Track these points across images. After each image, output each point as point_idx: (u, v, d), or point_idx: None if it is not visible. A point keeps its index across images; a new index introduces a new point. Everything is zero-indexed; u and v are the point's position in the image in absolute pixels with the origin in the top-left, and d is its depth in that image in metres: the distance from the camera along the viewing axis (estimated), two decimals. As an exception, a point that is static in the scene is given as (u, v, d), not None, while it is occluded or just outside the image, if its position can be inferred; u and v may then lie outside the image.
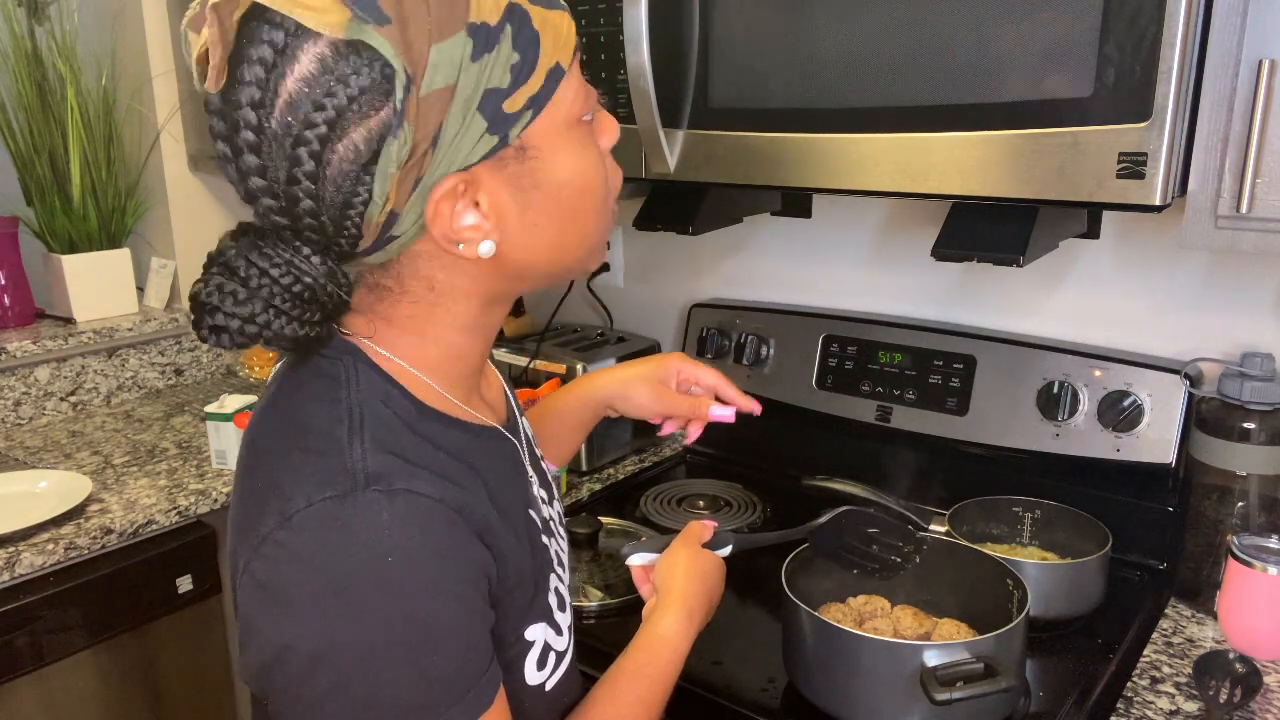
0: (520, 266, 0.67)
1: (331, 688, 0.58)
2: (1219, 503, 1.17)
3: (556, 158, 0.64)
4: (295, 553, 0.58)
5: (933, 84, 1.01)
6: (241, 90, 0.57)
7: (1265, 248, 0.93)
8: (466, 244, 0.62)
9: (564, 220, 0.66)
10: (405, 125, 0.56)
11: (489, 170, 0.61)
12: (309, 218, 0.59)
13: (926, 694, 0.87)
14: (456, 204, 0.61)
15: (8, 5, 1.91)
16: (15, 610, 1.40)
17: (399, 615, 0.58)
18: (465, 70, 0.57)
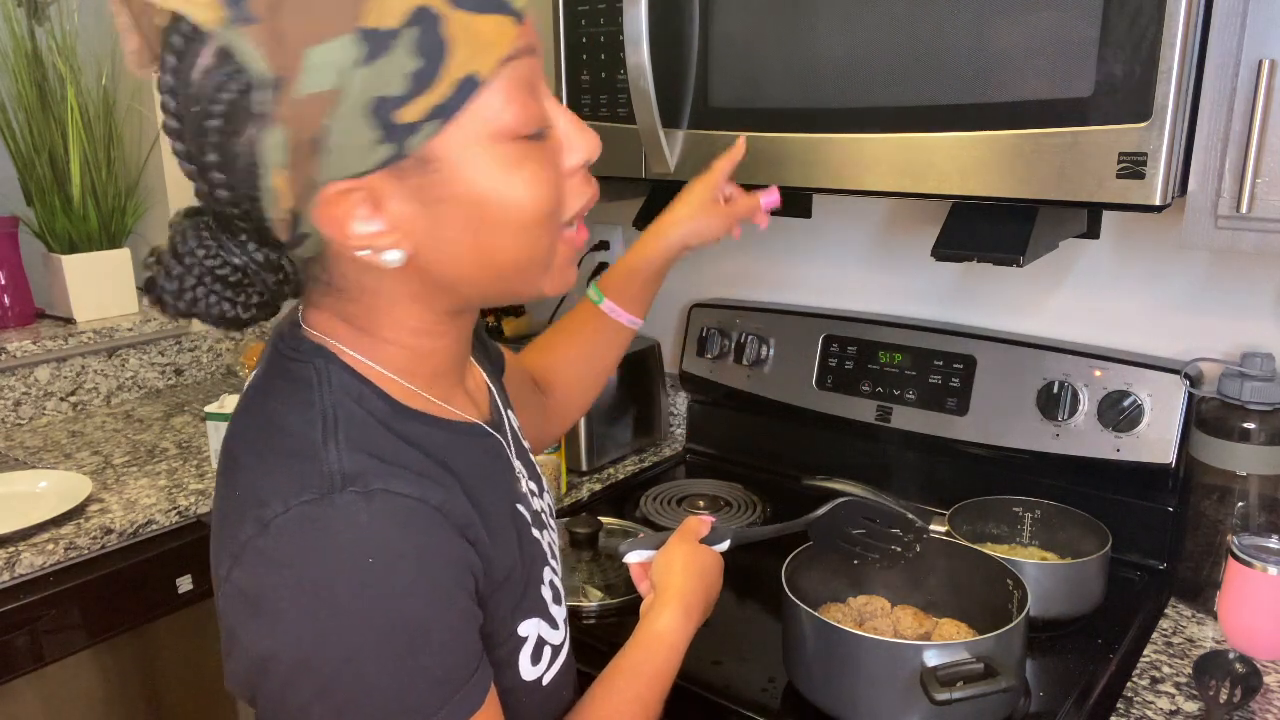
0: (450, 280, 0.63)
1: (316, 694, 0.57)
2: (1219, 503, 1.17)
3: (469, 174, 0.58)
4: (274, 559, 0.58)
5: (933, 84, 1.01)
6: (163, 74, 0.56)
7: (1265, 248, 0.93)
8: (372, 250, 0.59)
9: (488, 239, 0.61)
10: (276, 126, 0.54)
11: (388, 180, 0.57)
12: (230, 206, 0.58)
13: (926, 694, 0.87)
14: (353, 210, 0.58)
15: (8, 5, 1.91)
16: (15, 610, 1.40)
17: (382, 617, 0.58)
18: (351, 74, 0.53)
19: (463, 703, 0.61)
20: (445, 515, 0.62)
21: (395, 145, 0.55)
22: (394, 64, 0.53)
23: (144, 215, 2.17)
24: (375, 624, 0.57)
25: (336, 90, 0.53)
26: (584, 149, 0.64)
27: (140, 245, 2.21)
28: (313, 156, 0.55)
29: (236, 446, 0.65)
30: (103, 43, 2.08)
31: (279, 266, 0.62)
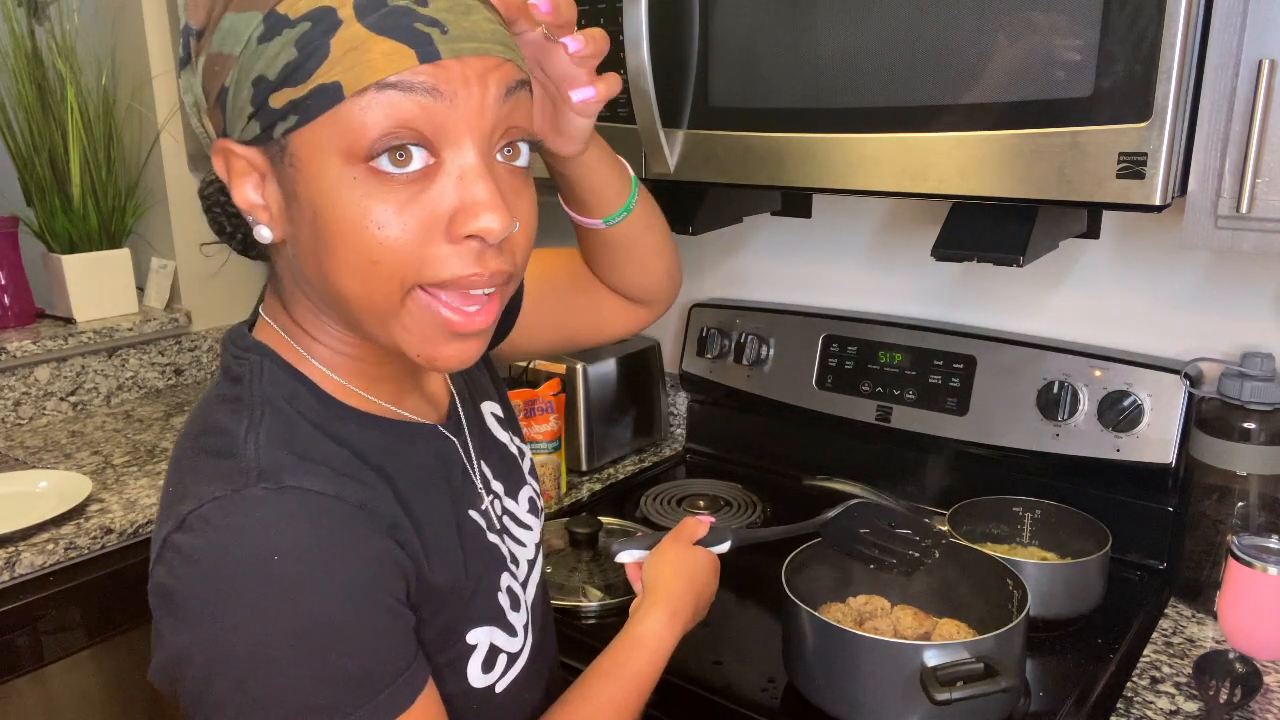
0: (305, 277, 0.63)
1: (229, 690, 0.57)
2: (1219, 503, 1.17)
3: (317, 180, 0.58)
4: (187, 556, 0.58)
5: (933, 84, 1.01)
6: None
7: (1265, 248, 0.93)
8: (254, 217, 0.62)
9: (325, 255, 0.59)
10: (189, 71, 0.62)
11: (259, 157, 0.60)
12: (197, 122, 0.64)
13: (926, 694, 0.87)
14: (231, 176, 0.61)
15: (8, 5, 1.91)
16: (15, 610, 1.40)
17: (290, 615, 0.56)
18: (250, 47, 0.57)
19: (388, 703, 0.59)
20: (368, 514, 0.61)
21: (262, 125, 0.58)
22: (276, 50, 0.56)
23: (144, 215, 2.17)
24: (282, 621, 0.56)
25: (233, 57, 0.58)
26: (482, 220, 0.58)
27: (140, 245, 2.21)
28: (216, 109, 0.60)
29: (178, 445, 0.66)
30: (103, 43, 2.08)
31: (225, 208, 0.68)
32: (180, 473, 0.62)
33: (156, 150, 2.10)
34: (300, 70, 0.56)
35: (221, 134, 0.60)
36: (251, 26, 0.57)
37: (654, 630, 0.83)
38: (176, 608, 0.58)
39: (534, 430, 1.48)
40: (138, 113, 2.10)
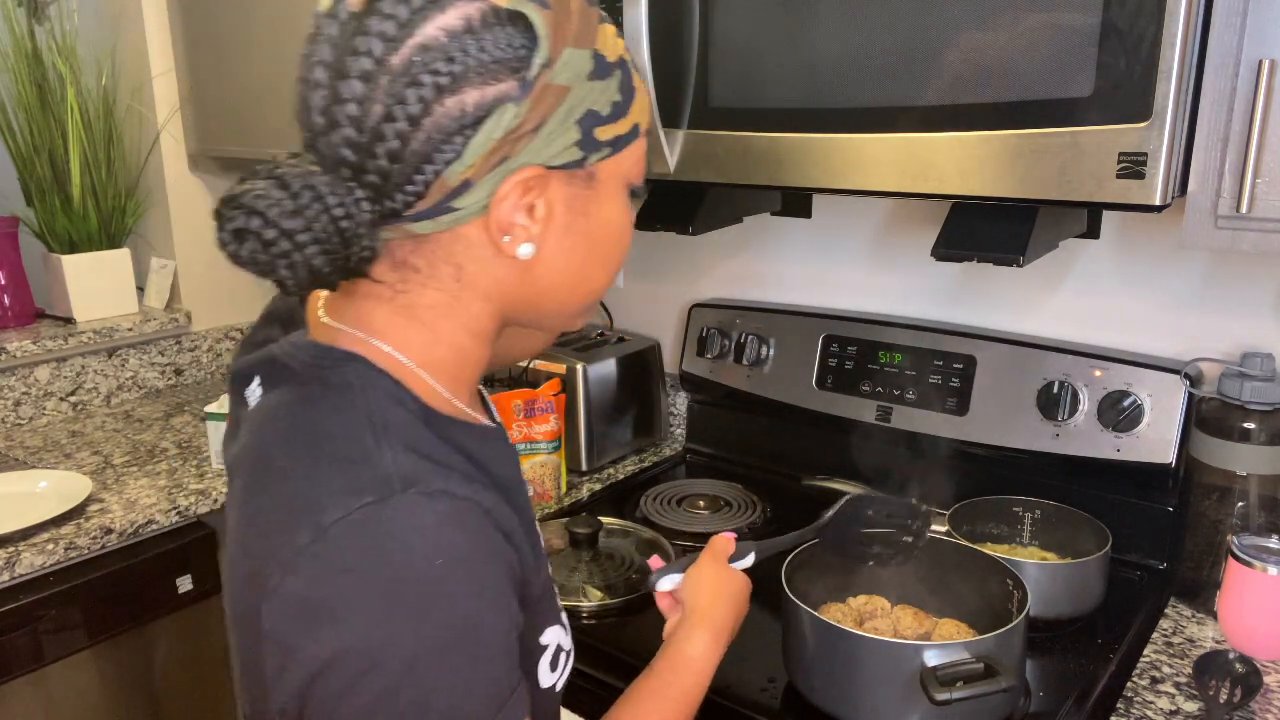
0: (540, 286, 0.67)
1: (379, 697, 0.55)
2: (1219, 503, 1.17)
3: (610, 202, 0.68)
4: (336, 564, 0.56)
5: (933, 84, 1.01)
6: (378, 20, 0.57)
7: (1265, 248, 0.93)
8: (513, 238, 0.63)
9: (591, 257, 0.69)
10: (525, 100, 0.59)
11: (560, 180, 0.64)
12: (385, 159, 0.58)
13: (926, 694, 0.87)
14: (522, 198, 0.62)
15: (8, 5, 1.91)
16: (15, 610, 1.40)
17: (448, 619, 0.57)
18: (581, 82, 0.61)
19: (511, 710, 0.60)
20: (494, 520, 0.61)
21: (584, 153, 0.63)
22: (607, 89, 0.63)
23: (144, 215, 2.17)
24: (443, 625, 0.57)
25: (568, 89, 0.61)
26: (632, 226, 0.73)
27: (140, 245, 2.21)
28: (525, 137, 0.60)
29: (275, 455, 0.63)
30: (103, 43, 2.08)
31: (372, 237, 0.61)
32: (295, 482, 0.60)
33: (156, 150, 2.10)
34: (622, 107, 0.64)
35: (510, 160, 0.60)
36: (584, 63, 0.61)
37: (700, 651, 0.84)
38: (324, 617, 0.56)
39: (534, 430, 1.48)
40: (138, 113, 2.10)
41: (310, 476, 0.59)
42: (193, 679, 1.67)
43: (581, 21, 0.62)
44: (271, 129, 1.90)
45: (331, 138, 0.59)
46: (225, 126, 2.01)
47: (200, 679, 1.68)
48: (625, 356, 1.69)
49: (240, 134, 1.98)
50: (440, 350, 0.66)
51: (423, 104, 0.57)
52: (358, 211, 0.59)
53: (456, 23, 0.57)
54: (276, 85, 1.85)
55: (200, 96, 2.05)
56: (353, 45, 0.57)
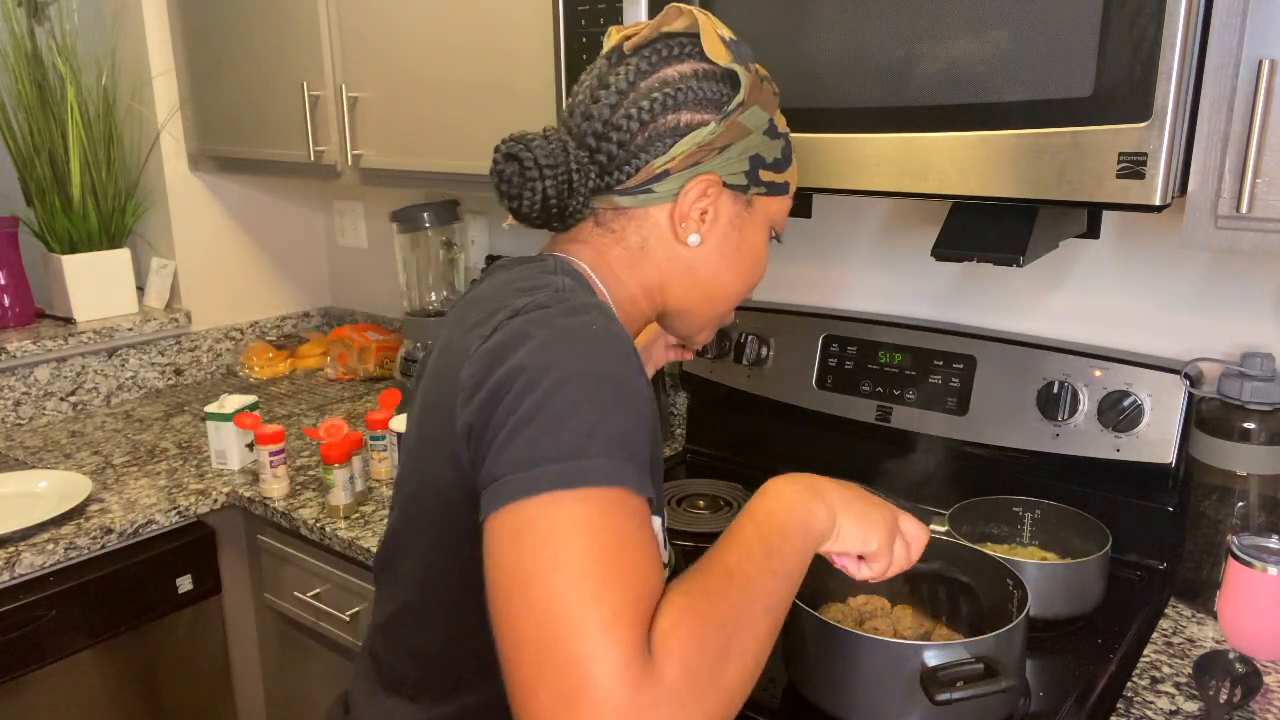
0: (694, 275, 0.88)
1: (533, 408, 0.67)
2: (1219, 503, 1.17)
3: (757, 230, 0.90)
4: (522, 329, 0.72)
5: (933, 84, 1.01)
6: (639, 60, 0.85)
7: (1265, 248, 0.93)
8: (687, 225, 0.85)
9: (736, 268, 0.90)
10: (720, 126, 0.83)
11: (728, 196, 0.86)
12: (615, 145, 0.83)
13: (926, 694, 0.87)
14: (700, 198, 0.84)
15: (8, 5, 1.91)
16: (15, 610, 1.40)
17: (600, 362, 0.70)
18: (758, 133, 0.86)
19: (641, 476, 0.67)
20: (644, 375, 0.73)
21: (748, 183, 0.87)
22: (774, 147, 0.88)
23: (144, 215, 2.17)
24: (594, 364, 0.69)
25: (750, 131, 0.85)
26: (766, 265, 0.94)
27: (140, 245, 2.21)
28: (713, 153, 0.84)
29: (480, 296, 0.83)
30: (103, 43, 2.08)
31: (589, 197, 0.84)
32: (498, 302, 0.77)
33: (156, 150, 2.10)
34: (781, 164, 0.89)
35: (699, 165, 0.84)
36: (763, 121, 0.86)
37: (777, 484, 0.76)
38: (509, 352, 0.71)
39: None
40: (138, 113, 2.10)
41: (504, 298, 0.78)
42: (193, 679, 1.67)
43: (767, 96, 0.87)
44: (271, 129, 1.90)
45: (584, 126, 0.85)
46: (225, 126, 2.01)
47: (200, 679, 1.68)
48: (625, 356, 1.68)
49: (240, 134, 1.98)
50: (618, 287, 0.87)
51: (651, 114, 0.83)
52: (586, 175, 0.83)
53: (689, 70, 0.84)
54: (276, 85, 1.85)
55: (200, 96, 2.05)
56: (616, 71, 0.85)
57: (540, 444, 0.66)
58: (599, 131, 0.84)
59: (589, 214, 0.86)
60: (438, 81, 1.60)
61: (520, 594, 0.62)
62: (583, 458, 0.65)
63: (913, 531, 0.86)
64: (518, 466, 0.66)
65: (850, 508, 0.80)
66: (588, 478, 0.64)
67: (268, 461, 1.56)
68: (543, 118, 1.45)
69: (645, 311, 0.91)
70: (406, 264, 2.07)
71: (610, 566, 0.62)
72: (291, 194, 2.36)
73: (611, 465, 0.65)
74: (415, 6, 1.59)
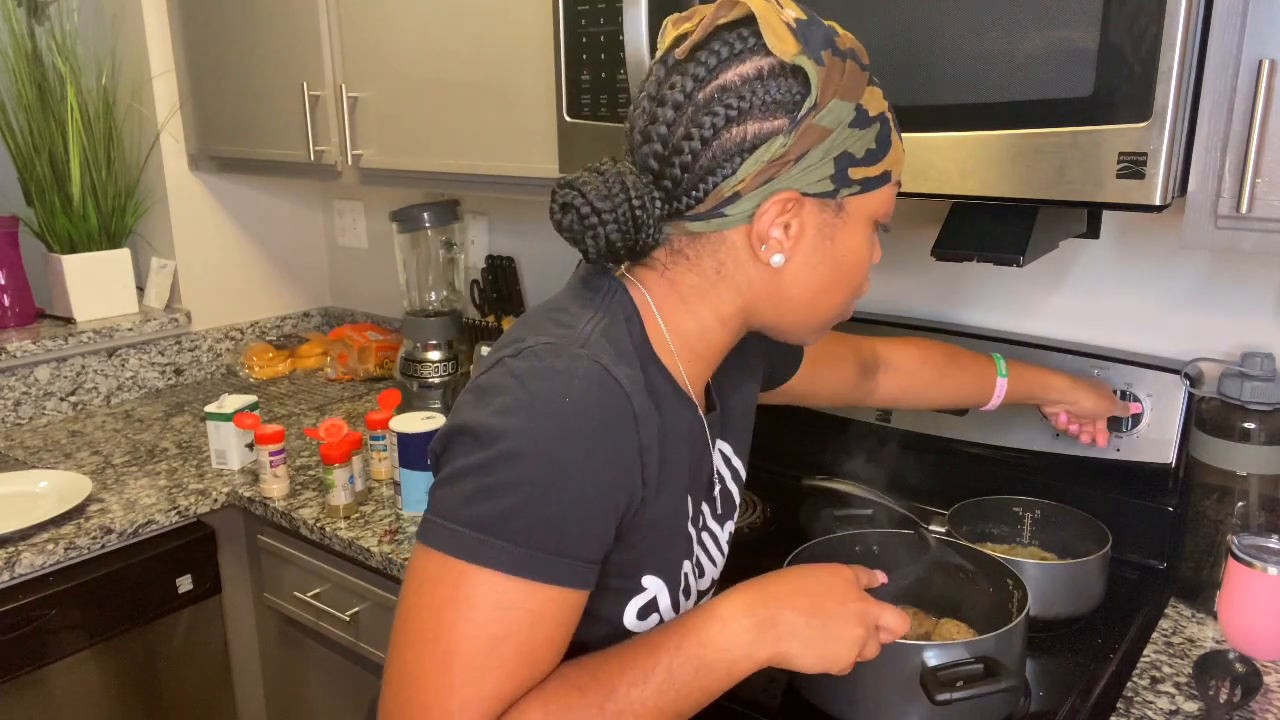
0: (784, 295, 0.80)
1: (475, 466, 0.69)
2: (1219, 503, 1.17)
3: (854, 232, 0.79)
4: (510, 369, 0.72)
5: (933, 84, 1.01)
6: (694, 65, 0.74)
7: (1265, 248, 0.93)
8: (768, 247, 0.77)
9: (833, 279, 0.81)
10: (792, 135, 0.73)
11: (812, 206, 0.77)
12: (678, 170, 0.75)
13: (926, 694, 0.87)
14: (779, 216, 0.75)
15: (8, 5, 1.91)
16: (15, 610, 1.40)
17: (555, 443, 0.68)
18: (842, 128, 0.74)
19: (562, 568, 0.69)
20: (638, 425, 0.72)
21: (835, 187, 0.76)
22: (864, 137, 0.76)
23: (144, 215, 2.17)
24: (548, 444, 0.68)
25: (830, 131, 0.74)
26: (880, 255, 0.85)
27: (140, 245, 2.21)
28: (789, 164, 0.74)
29: (523, 318, 0.82)
30: (103, 43, 2.08)
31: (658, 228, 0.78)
32: (525, 328, 0.78)
33: (156, 150, 2.10)
34: (876, 155, 0.77)
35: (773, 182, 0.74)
36: (846, 112, 0.74)
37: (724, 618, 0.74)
38: (483, 398, 0.72)
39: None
40: (138, 113, 2.10)
41: (532, 326, 0.78)
42: (193, 679, 1.67)
43: (851, 80, 0.75)
44: (271, 129, 1.90)
45: (644, 149, 0.77)
46: (225, 126, 2.01)
47: (200, 679, 1.68)
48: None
49: (240, 134, 1.98)
50: (686, 319, 0.81)
51: (714, 130, 0.73)
52: (651, 206, 0.76)
53: (751, 71, 0.73)
54: (276, 85, 1.85)
55: (200, 96, 2.05)
56: (671, 81, 0.75)
57: (469, 506, 0.69)
58: (660, 154, 0.76)
59: (663, 241, 0.79)
60: (438, 81, 1.59)
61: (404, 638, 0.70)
62: (504, 538, 0.68)
63: (891, 624, 0.79)
64: (447, 515, 0.70)
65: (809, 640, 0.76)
66: (499, 560, 0.68)
67: (268, 461, 1.56)
68: (543, 117, 1.45)
69: (724, 339, 0.83)
70: (406, 264, 2.07)
71: (482, 658, 0.67)
72: (291, 194, 2.36)
73: (529, 556, 0.68)
74: (415, 6, 1.59)
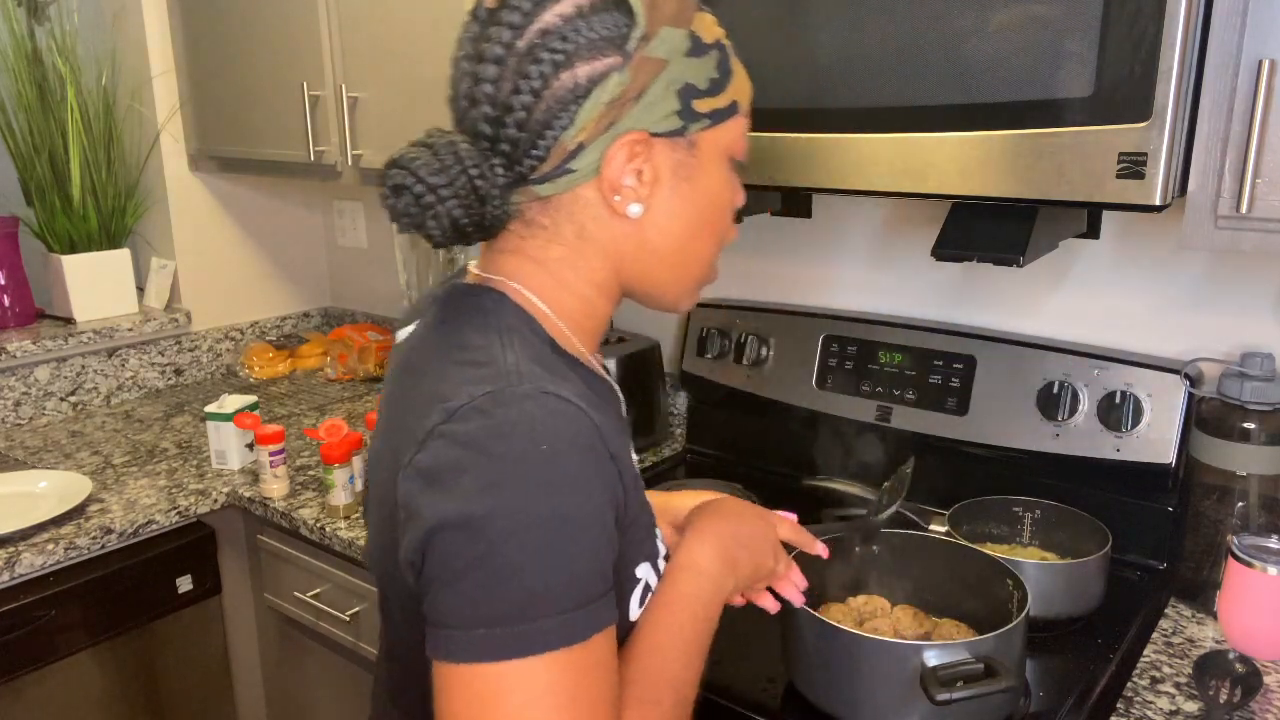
0: (651, 248, 0.75)
1: (474, 561, 0.62)
2: (1219, 503, 1.17)
3: (712, 170, 0.75)
4: (457, 439, 0.64)
5: (933, 84, 1.01)
6: (508, 13, 0.69)
7: (1265, 248, 0.93)
8: (623, 197, 0.72)
9: (697, 224, 0.76)
10: (626, 70, 0.69)
11: (663, 147, 0.72)
12: (514, 128, 0.69)
13: (926, 694, 0.87)
14: (629, 161, 0.71)
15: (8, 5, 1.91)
16: (15, 610, 1.40)
17: (546, 500, 0.63)
18: (678, 57, 0.71)
19: (593, 615, 0.64)
20: (602, 436, 0.67)
21: (683, 122, 0.72)
22: (704, 66, 0.72)
23: (144, 215, 2.17)
24: (537, 504, 0.63)
25: (666, 62, 0.70)
26: (743, 198, 0.81)
27: (140, 245, 2.21)
28: (629, 103, 0.70)
29: (416, 361, 0.74)
30: (103, 43, 2.08)
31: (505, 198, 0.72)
32: (431, 380, 0.70)
33: (156, 150, 2.10)
34: (720, 84, 0.73)
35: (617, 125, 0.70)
36: (680, 40, 0.71)
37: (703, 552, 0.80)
38: (441, 483, 0.64)
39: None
40: (137, 113, 2.10)
41: (442, 374, 0.69)
42: (193, 679, 1.67)
43: (678, 6, 0.71)
44: (271, 129, 1.90)
45: (472, 114, 0.71)
46: (225, 126, 2.01)
47: (200, 679, 1.68)
48: (625, 356, 1.69)
49: (240, 134, 1.98)
50: (567, 297, 0.75)
51: (543, 78, 0.68)
52: (492, 175, 0.70)
53: (569, 9, 0.68)
54: (276, 85, 1.85)
55: (200, 96, 2.05)
56: (487, 34, 0.70)
57: (485, 602, 0.63)
58: (491, 116, 0.70)
59: (514, 213, 0.74)
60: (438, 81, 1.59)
61: None
62: (534, 619, 0.62)
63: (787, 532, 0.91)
64: (463, 621, 0.63)
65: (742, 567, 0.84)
66: (539, 643, 0.62)
67: (268, 461, 1.56)
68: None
69: (606, 309, 0.79)
70: (406, 264, 2.08)
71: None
72: (291, 194, 2.36)
73: (565, 623, 0.63)
74: (415, 6, 1.59)
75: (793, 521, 0.93)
